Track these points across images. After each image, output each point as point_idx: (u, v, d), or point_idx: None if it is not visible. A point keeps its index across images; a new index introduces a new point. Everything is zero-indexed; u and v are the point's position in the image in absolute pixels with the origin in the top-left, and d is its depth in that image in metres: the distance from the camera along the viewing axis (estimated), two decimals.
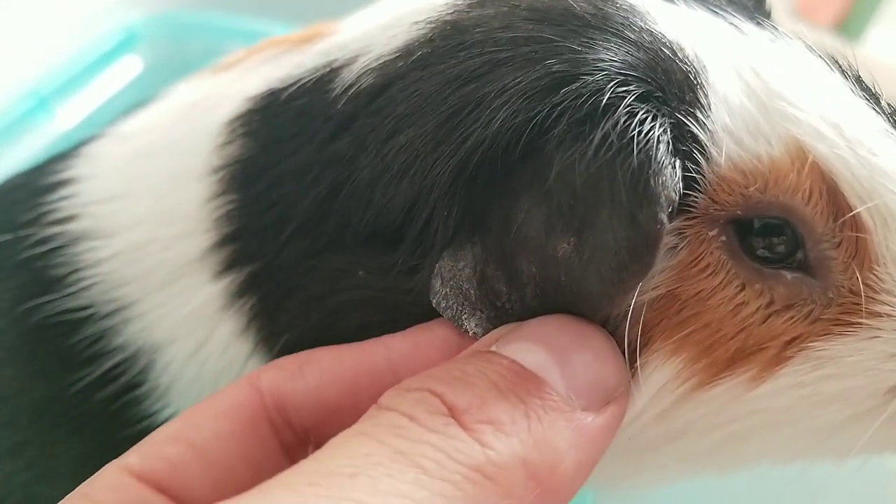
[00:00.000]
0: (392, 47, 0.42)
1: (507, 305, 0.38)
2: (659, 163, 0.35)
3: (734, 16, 0.43)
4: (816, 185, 0.38)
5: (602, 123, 0.35)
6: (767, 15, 0.48)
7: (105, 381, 0.48)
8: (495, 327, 0.38)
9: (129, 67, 0.97)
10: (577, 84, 0.36)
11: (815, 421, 0.41)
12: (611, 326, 0.39)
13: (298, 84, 0.45)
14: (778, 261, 0.39)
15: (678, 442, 0.42)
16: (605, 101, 0.36)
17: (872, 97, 0.42)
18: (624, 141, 0.35)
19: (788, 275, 0.39)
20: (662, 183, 0.35)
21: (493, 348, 0.36)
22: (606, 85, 0.36)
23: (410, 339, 0.40)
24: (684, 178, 0.37)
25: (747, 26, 0.43)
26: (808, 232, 0.38)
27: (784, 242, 0.39)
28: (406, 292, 0.40)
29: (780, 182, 0.38)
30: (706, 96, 0.38)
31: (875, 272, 0.38)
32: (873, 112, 0.40)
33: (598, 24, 0.38)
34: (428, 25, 0.42)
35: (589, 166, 0.35)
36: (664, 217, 0.35)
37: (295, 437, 0.39)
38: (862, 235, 0.38)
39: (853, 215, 0.38)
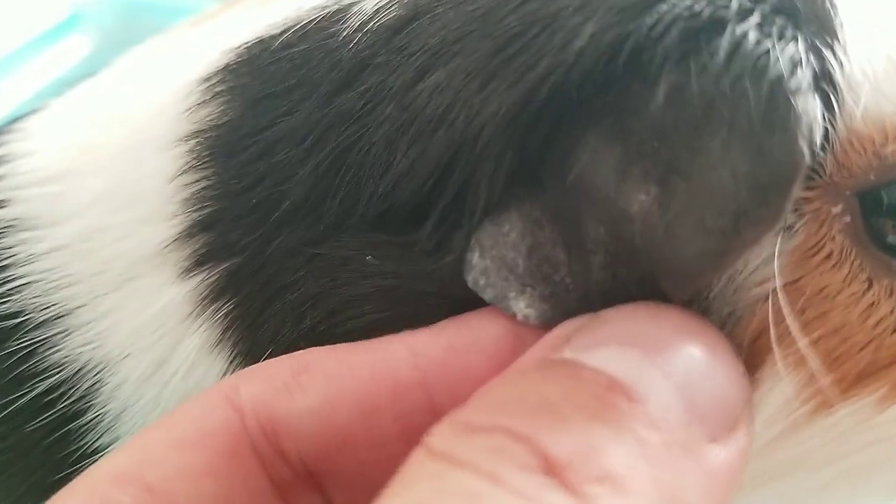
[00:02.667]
0: None
1: (567, 279, 0.29)
2: (802, 81, 0.27)
3: None
4: None
5: (724, 33, 0.27)
6: None
7: (37, 408, 0.38)
8: (553, 309, 0.30)
9: (75, 48, 0.88)
10: None
11: None
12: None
13: (295, 28, 0.36)
14: None
15: (783, 480, 0.34)
16: (732, 7, 0.27)
17: None
18: (758, 53, 0.27)
19: None
20: (804, 106, 0.27)
21: (569, 355, 0.27)
22: None
23: (443, 339, 0.30)
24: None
25: None
26: None
27: None
28: (431, 276, 0.31)
29: None
30: (842, 27, 0.30)
31: None
32: None
33: None
34: None
35: (706, 87, 0.26)
36: (805, 149, 0.26)
37: (292, 473, 0.30)
38: None
39: None
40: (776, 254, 0.29)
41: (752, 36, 0.27)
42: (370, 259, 0.32)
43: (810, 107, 0.27)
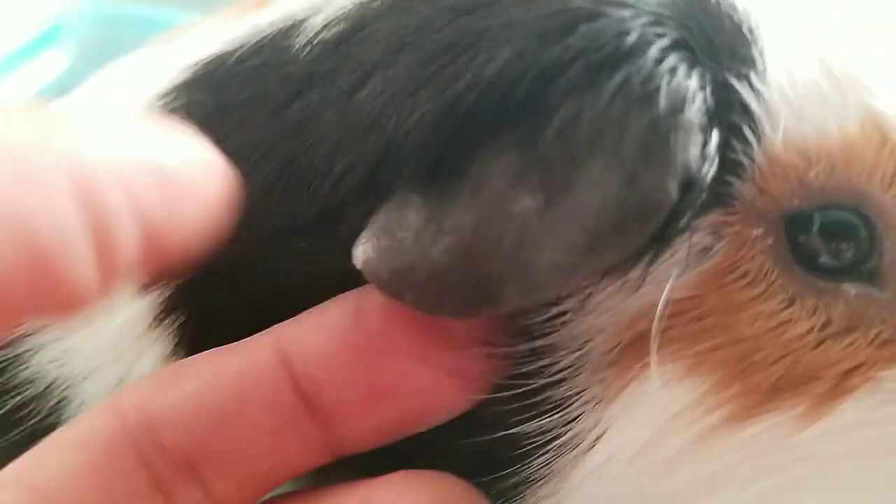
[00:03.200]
0: None
1: (407, 241, 0.30)
2: (685, 119, 0.28)
3: None
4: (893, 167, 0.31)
5: (622, 67, 0.28)
6: None
7: (9, 423, 0.39)
8: (380, 260, 0.30)
9: (52, 63, 0.88)
10: (599, 22, 0.29)
11: (885, 471, 0.33)
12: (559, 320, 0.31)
13: (252, 44, 0.36)
14: (842, 271, 0.31)
15: (709, 497, 0.34)
16: (630, 42, 0.28)
17: None
18: (647, 89, 0.28)
19: (852, 289, 0.31)
20: (683, 144, 0.28)
21: None
22: (634, 23, 0.29)
23: (301, 325, 0.32)
24: (727, 159, 0.30)
25: None
26: (887, 226, 0.31)
27: (854, 247, 0.31)
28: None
29: (852, 162, 0.31)
30: (761, 55, 0.31)
31: None
32: None
33: None
34: None
35: (597, 116, 0.28)
36: (673, 187, 0.28)
37: (171, 466, 0.31)
38: None
39: None
40: (682, 275, 0.31)
41: (645, 70, 0.28)
42: (302, 247, 0.33)
43: (691, 145, 0.28)
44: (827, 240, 0.31)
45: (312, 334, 0.31)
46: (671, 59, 0.28)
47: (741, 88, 0.30)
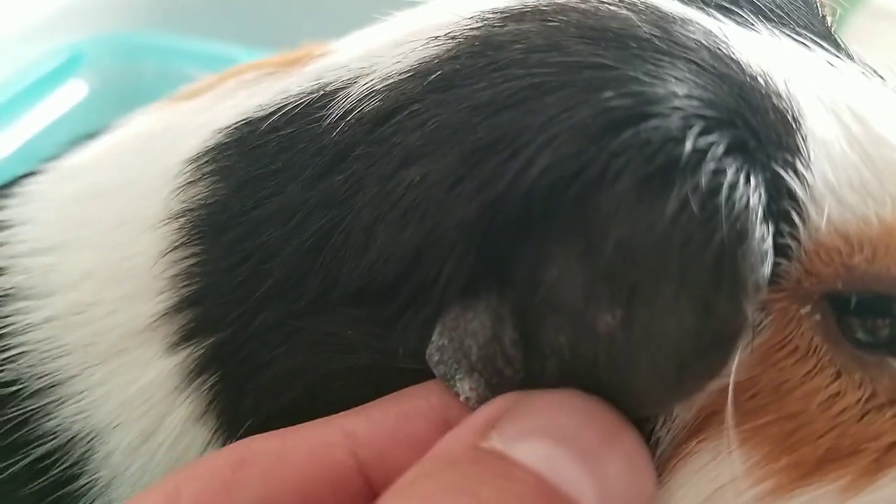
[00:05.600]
0: (403, 66, 0.35)
1: (517, 376, 0.31)
2: (751, 239, 0.28)
3: (822, 45, 0.36)
4: None
5: (679, 184, 0.28)
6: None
7: (32, 474, 0.39)
8: (492, 396, 0.31)
9: (72, 92, 0.88)
10: (644, 126, 0.28)
11: None
12: None
13: (282, 111, 0.37)
14: (881, 346, 0.32)
15: None
16: (684, 153, 0.28)
17: None
18: (708, 211, 0.27)
19: (894, 362, 0.32)
20: (752, 265, 0.28)
21: (499, 445, 0.28)
22: (684, 131, 0.28)
23: (373, 420, 0.31)
24: (775, 242, 0.30)
25: (838, 59, 0.36)
26: None
27: (890, 325, 0.32)
28: (399, 351, 0.33)
29: (891, 251, 0.31)
30: (805, 142, 0.31)
31: None
32: None
33: (668, 49, 0.31)
34: (450, 41, 0.34)
35: (658, 237, 0.27)
36: (749, 309, 0.28)
37: None
38: None
39: None
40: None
41: (704, 188, 0.27)
42: (350, 334, 0.33)
43: (759, 261, 0.28)
44: (864, 318, 0.32)
45: (381, 426, 0.31)
46: (728, 173, 0.28)
47: (788, 177, 0.30)
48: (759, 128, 0.30)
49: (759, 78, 0.32)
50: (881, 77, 0.37)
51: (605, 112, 0.29)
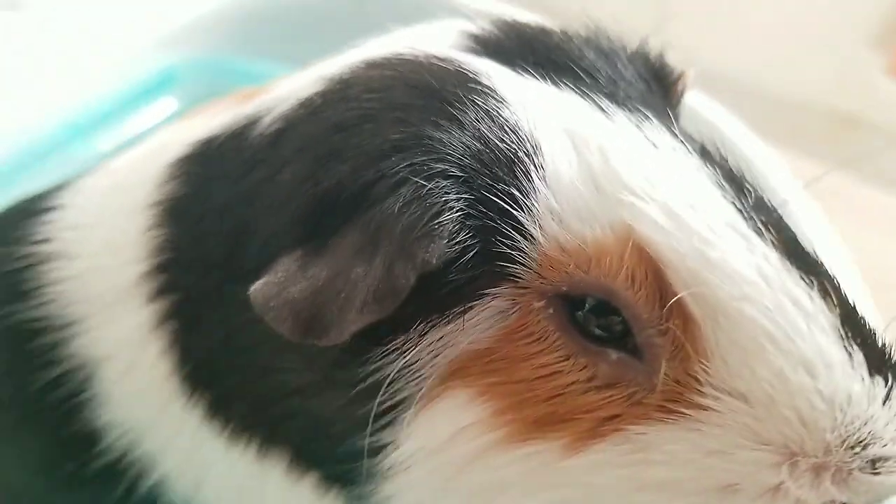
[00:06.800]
0: (298, 99, 0.47)
1: (280, 280, 0.41)
2: (429, 229, 0.39)
3: (605, 99, 0.46)
4: (641, 270, 0.39)
5: (403, 190, 0.39)
6: (676, 103, 0.51)
7: (57, 384, 0.54)
8: (261, 290, 0.41)
9: (165, 107, 1.05)
10: (400, 156, 0.40)
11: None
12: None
13: (229, 132, 0.50)
14: (611, 340, 0.40)
15: (499, 498, 0.43)
16: (413, 173, 0.40)
17: (735, 188, 0.42)
18: (412, 206, 0.39)
19: (614, 354, 0.40)
20: (426, 247, 0.39)
21: None
22: (422, 160, 0.40)
23: None
24: (512, 250, 0.40)
25: (616, 111, 0.45)
26: (631, 316, 0.40)
27: (621, 323, 0.40)
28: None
29: (601, 264, 0.39)
30: (529, 178, 0.41)
31: (702, 365, 0.39)
32: (727, 204, 0.41)
33: (452, 102, 0.42)
34: (327, 81, 0.47)
35: (385, 220, 0.39)
36: (412, 276, 0.38)
37: None
38: (692, 326, 0.39)
39: (681, 307, 0.39)
40: (486, 329, 0.41)
41: (413, 194, 0.39)
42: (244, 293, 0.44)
43: (434, 248, 0.39)
44: (599, 316, 0.40)
45: None
46: (433, 185, 0.39)
47: (504, 203, 0.40)
48: (480, 166, 0.40)
49: (504, 127, 0.42)
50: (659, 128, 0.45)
51: (386, 143, 0.41)
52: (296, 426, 0.46)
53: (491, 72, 0.46)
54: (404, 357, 0.42)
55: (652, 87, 0.50)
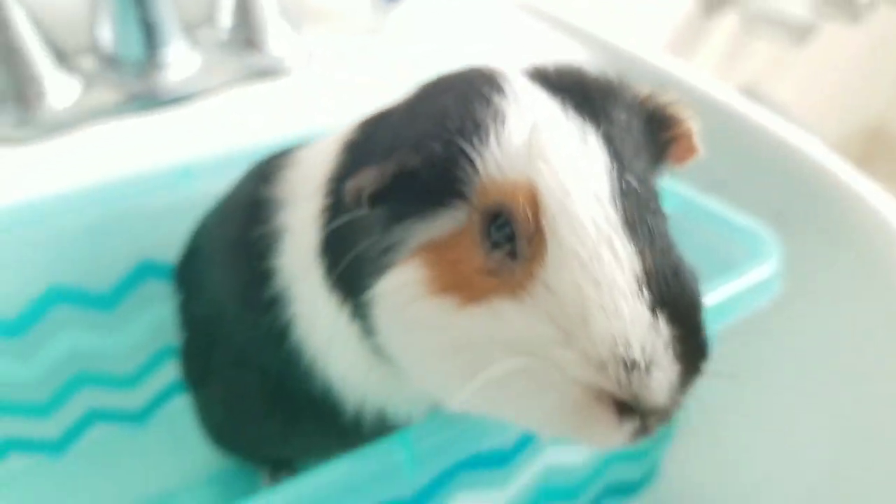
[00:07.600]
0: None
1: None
2: (444, 156, 0.57)
3: (569, 106, 0.61)
4: (531, 203, 0.55)
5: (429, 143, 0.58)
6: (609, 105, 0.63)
7: (263, 236, 0.77)
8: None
9: None
10: (439, 127, 0.58)
11: (493, 354, 0.55)
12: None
13: (384, 110, 0.70)
14: (502, 245, 0.56)
15: (417, 329, 0.59)
16: (436, 138, 0.58)
17: (620, 172, 0.57)
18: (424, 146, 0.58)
19: (500, 255, 0.56)
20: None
21: None
22: (446, 128, 0.58)
23: None
24: (467, 178, 0.57)
25: (570, 112, 0.60)
26: (517, 228, 0.56)
27: (511, 234, 0.56)
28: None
29: (512, 195, 0.55)
30: (489, 136, 0.57)
31: (541, 267, 0.54)
32: (607, 182, 0.56)
33: (477, 91, 0.60)
34: (403, 98, 0.66)
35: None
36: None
37: None
38: (543, 242, 0.54)
39: (541, 230, 0.55)
40: (442, 226, 0.59)
41: (439, 148, 0.57)
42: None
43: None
44: (499, 229, 0.55)
45: None
46: (441, 143, 0.57)
47: (469, 152, 0.56)
48: (463, 132, 0.57)
49: (490, 105, 0.59)
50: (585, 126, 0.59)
51: (439, 116, 0.59)
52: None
53: (512, 78, 0.63)
54: (400, 234, 0.61)
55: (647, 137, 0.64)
